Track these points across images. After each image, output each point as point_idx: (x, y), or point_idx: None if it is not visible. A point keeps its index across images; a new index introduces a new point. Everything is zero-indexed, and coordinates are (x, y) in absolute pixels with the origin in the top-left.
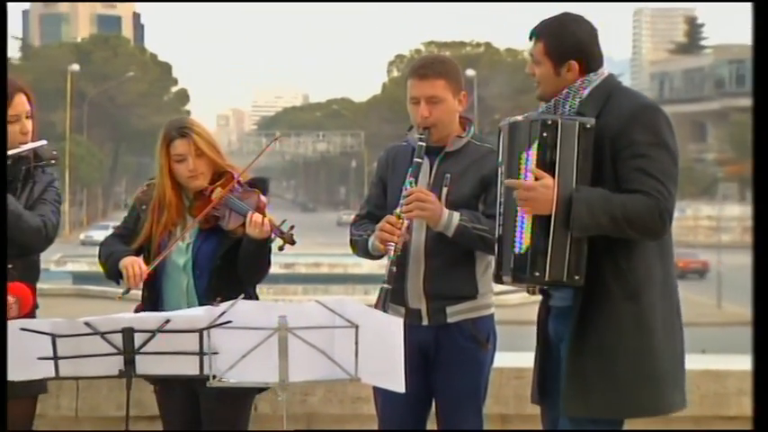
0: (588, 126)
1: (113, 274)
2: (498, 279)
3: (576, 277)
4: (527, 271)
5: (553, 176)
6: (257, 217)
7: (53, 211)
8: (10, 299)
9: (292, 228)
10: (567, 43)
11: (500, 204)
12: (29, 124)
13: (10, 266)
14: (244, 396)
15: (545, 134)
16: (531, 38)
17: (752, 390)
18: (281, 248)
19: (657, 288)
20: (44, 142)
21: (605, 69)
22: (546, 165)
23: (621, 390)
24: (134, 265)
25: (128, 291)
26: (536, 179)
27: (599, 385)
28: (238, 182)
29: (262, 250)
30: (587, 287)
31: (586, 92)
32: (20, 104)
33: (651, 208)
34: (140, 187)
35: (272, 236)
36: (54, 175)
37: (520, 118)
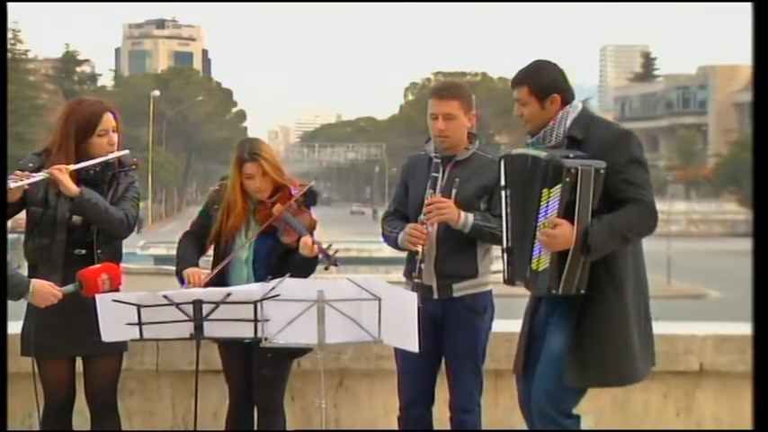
0: (601, 171)
1: (179, 276)
2: (510, 282)
3: (582, 291)
4: (544, 287)
5: (572, 214)
6: (308, 240)
7: (133, 206)
8: (103, 276)
9: (336, 252)
10: (547, 81)
11: (507, 221)
12: (114, 137)
13: (99, 251)
14: (285, 356)
15: (567, 179)
16: (514, 85)
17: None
18: (326, 269)
19: (632, 280)
20: (127, 152)
21: (578, 101)
22: (566, 205)
23: (610, 366)
24: (194, 275)
25: None
26: (554, 226)
27: (595, 363)
28: (289, 191)
29: (309, 264)
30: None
31: (569, 121)
32: (107, 122)
33: (644, 212)
34: (213, 186)
35: (320, 256)
36: (135, 177)
37: (532, 153)
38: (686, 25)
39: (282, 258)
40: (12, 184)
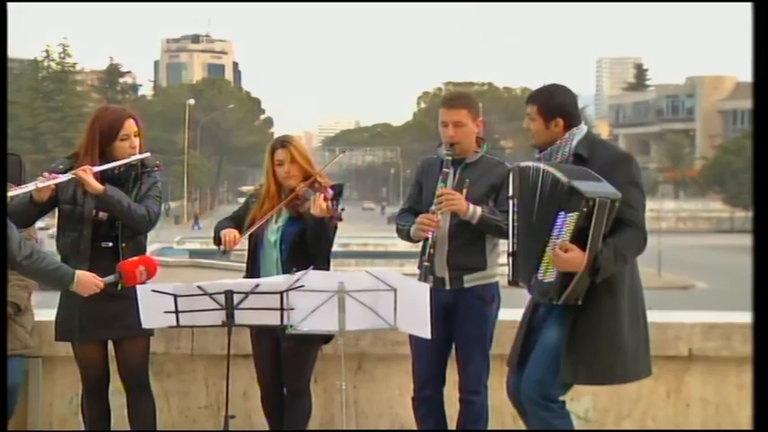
0: (616, 204)
1: (215, 239)
2: (514, 283)
3: (579, 302)
4: (546, 296)
5: (584, 239)
6: (319, 200)
7: (155, 204)
8: (141, 267)
9: (342, 209)
10: (554, 105)
11: (514, 227)
12: (136, 141)
13: (123, 245)
14: (312, 341)
15: (584, 209)
16: (527, 102)
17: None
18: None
19: (627, 287)
20: (148, 154)
21: (583, 125)
22: (579, 230)
23: (600, 364)
24: (229, 234)
25: (224, 252)
26: (566, 250)
27: (586, 361)
28: (318, 182)
29: (321, 226)
30: None
31: (574, 142)
32: (129, 126)
33: (639, 236)
34: (254, 186)
35: (330, 216)
36: (157, 178)
37: (546, 168)
38: (676, 39)
39: (302, 239)
40: (39, 184)
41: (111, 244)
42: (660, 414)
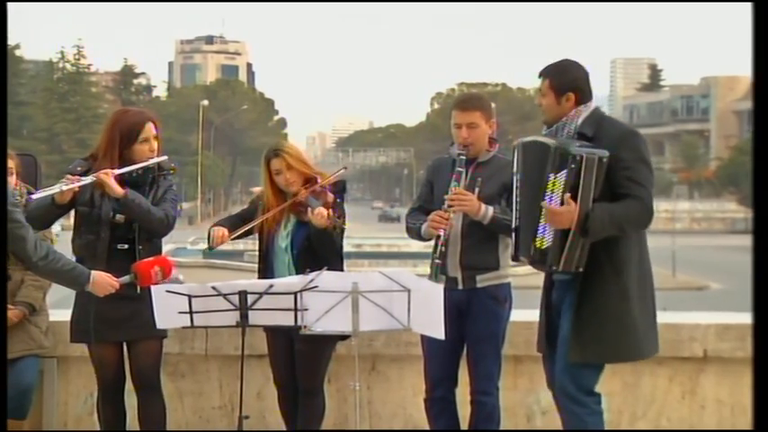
0: (604, 160)
1: (207, 237)
2: (516, 259)
3: (580, 269)
4: (546, 263)
5: (575, 198)
6: (319, 211)
7: (172, 207)
8: (156, 268)
9: (344, 222)
10: (567, 80)
11: (517, 203)
12: (155, 144)
13: (140, 247)
14: (325, 341)
15: (572, 165)
16: (540, 76)
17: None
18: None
19: (635, 267)
20: (165, 157)
21: (592, 103)
22: (570, 188)
23: (608, 342)
24: (217, 231)
25: (210, 248)
26: (561, 203)
27: (592, 339)
28: (320, 185)
29: (324, 236)
30: (586, 268)
31: (581, 119)
32: (149, 130)
33: (641, 209)
34: (258, 190)
35: (333, 225)
36: (173, 180)
37: (541, 139)
38: (690, 39)
39: (311, 243)
40: (64, 187)
41: (127, 246)
42: (675, 415)
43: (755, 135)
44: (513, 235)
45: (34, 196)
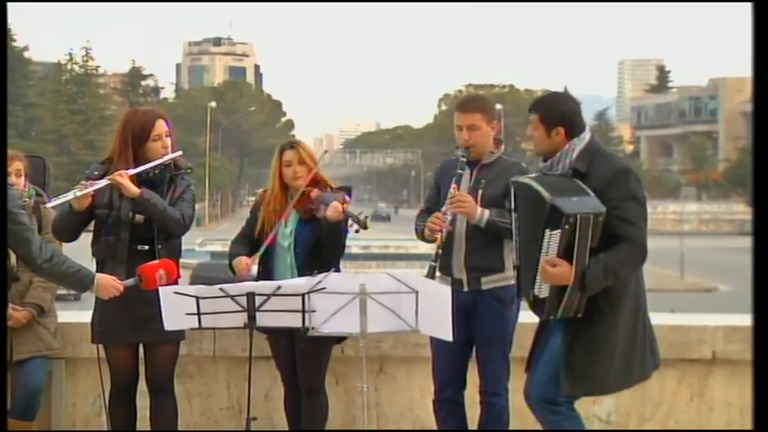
0: (600, 218)
1: (230, 269)
2: (519, 298)
3: (579, 315)
4: (544, 312)
5: (571, 255)
6: (338, 205)
7: (189, 207)
8: (161, 271)
9: (367, 217)
10: (555, 114)
11: (516, 242)
12: (168, 141)
13: (159, 247)
14: (324, 341)
15: (566, 226)
16: (529, 110)
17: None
18: (357, 231)
19: (630, 301)
20: (180, 153)
21: (586, 133)
22: (565, 246)
23: (597, 377)
24: (240, 263)
25: (241, 280)
26: (554, 265)
27: (581, 375)
28: (330, 187)
29: (337, 231)
30: None
31: (575, 153)
32: (160, 127)
33: (634, 252)
34: (256, 197)
35: (349, 222)
36: (191, 180)
37: (536, 187)
38: (698, 40)
39: (317, 243)
40: (78, 193)
41: (147, 247)
42: (683, 417)
43: (755, 135)
44: (516, 273)
45: (50, 204)
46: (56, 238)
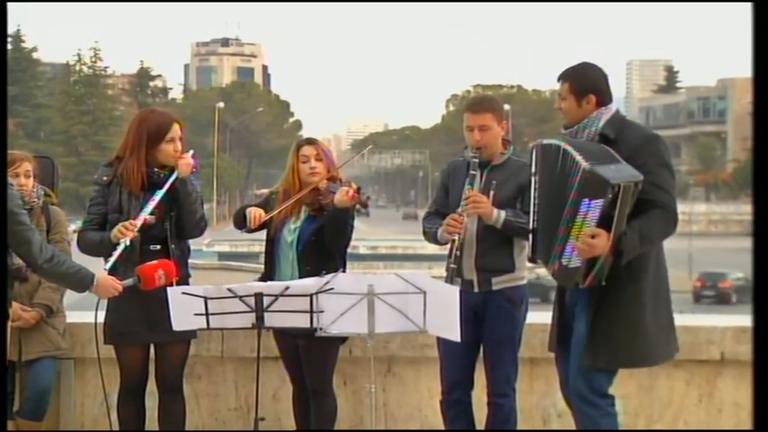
0: (639, 185)
1: (240, 219)
2: (533, 260)
3: (603, 282)
4: (572, 281)
5: (610, 224)
6: (343, 189)
7: (201, 208)
8: (159, 271)
9: (368, 198)
10: (587, 82)
11: (535, 204)
12: (179, 145)
13: (172, 246)
14: (329, 341)
15: (609, 195)
16: (558, 80)
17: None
18: (357, 210)
19: (651, 274)
20: (192, 152)
21: (613, 105)
22: (606, 216)
23: (620, 348)
24: (255, 211)
25: (249, 230)
26: (593, 236)
27: (605, 345)
28: (340, 181)
29: (342, 217)
30: None
31: (603, 121)
32: (175, 130)
33: (667, 218)
34: (272, 189)
35: (355, 205)
36: (196, 183)
37: (565, 147)
38: (707, 41)
39: (319, 237)
40: (128, 241)
41: (159, 246)
42: (692, 419)
43: (756, 135)
44: (531, 236)
45: (108, 266)
46: (82, 252)
